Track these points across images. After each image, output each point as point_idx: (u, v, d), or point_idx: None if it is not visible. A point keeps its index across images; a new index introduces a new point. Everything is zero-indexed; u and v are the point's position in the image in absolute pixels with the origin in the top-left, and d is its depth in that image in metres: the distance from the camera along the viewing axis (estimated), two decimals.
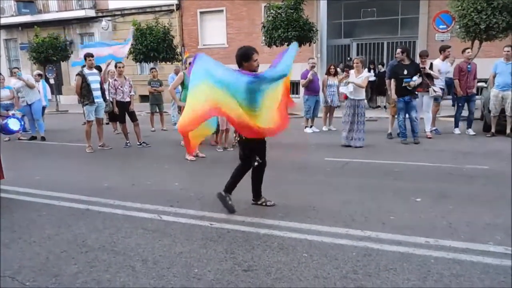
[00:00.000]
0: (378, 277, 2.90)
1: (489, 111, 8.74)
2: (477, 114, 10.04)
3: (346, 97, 8.06)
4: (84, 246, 3.54)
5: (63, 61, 18.35)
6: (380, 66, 14.57)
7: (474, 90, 8.97)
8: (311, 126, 10.14)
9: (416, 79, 7.92)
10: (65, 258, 3.32)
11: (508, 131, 8.47)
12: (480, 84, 9.93)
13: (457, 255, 3.21)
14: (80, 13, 20.30)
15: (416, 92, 8.18)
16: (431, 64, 8.98)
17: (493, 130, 8.63)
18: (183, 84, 7.15)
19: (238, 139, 4.38)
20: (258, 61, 4.07)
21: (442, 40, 12.02)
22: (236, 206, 4.49)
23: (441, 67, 9.07)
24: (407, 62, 8.17)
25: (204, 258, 3.25)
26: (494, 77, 8.74)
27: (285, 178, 5.83)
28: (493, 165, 6.17)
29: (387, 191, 4.97)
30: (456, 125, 9.20)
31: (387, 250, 3.33)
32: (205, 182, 5.72)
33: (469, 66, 8.78)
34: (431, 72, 8.79)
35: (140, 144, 8.54)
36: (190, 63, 7.16)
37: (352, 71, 8.20)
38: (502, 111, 8.49)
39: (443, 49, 9.27)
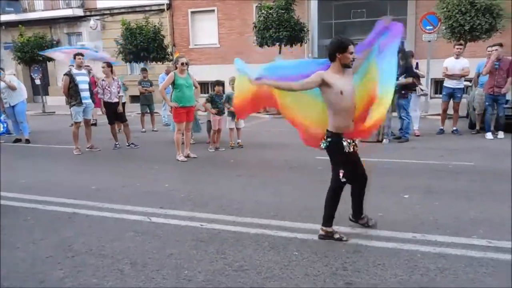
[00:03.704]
0: (367, 273, 2.94)
1: (474, 109, 8.88)
2: (463, 112, 10.19)
3: None
4: (70, 250, 3.50)
5: (49, 61, 18.11)
6: None
7: (505, 90, 8.18)
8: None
9: (400, 80, 8.02)
10: (51, 263, 3.27)
11: (492, 127, 8.61)
12: (465, 83, 10.07)
13: (442, 249, 3.28)
14: (68, 12, 20.09)
15: (403, 91, 8.26)
16: (417, 63, 9.10)
17: (477, 127, 8.79)
18: (174, 84, 7.06)
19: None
20: (354, 55, 3.42)
21: (429, 41, 12.19)
22: (227, 205, 4.50)
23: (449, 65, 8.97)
24: (400, 63, 8.29)
25: (194, 259, 3.25)
26: (478, 76, 8.90)
27: (276, 177, 5.87)
28: (478, 162, 6.29)
29: (376, 188, 4.99)
30: (487, 129, 8.43)
31: (375, 246, 3.38)
32: (196, 183, 5.72)
33: (496, 64, 8.17)
34: (418, 72, 8.90)
35: (129, 145, 8.50)
36: (183, 63, 7.18)
37: None
38: (486, 109, 8.62)
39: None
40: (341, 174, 3.43)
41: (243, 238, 3.64)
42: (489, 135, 8.34)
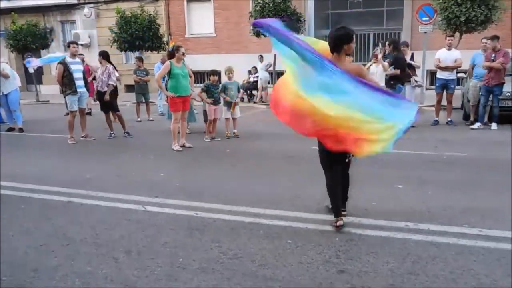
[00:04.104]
0: (359, 261, 2.98)
1: (468, 101, 8.92)
2: (457, 103, 10.25)
3: None
4: (64, 239, 3.50)
5: (43, 49, 17.88)
6: None
7: (499, 82, 8.20)
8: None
9: (389, 70, 8.04)
10: (45, 251, 3.28)
11: (485, 119, 8.68)
12: (460, 75, 10.10)
13: (434, 237, 3.33)
14: (61, 0, 19.81)
15: (392, 82, 8.24)
16: (412, 54, 9.10)
17: (472, 118, 8.84)
18: (170, 74, 6.99)
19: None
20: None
21: (425, 32, 12.17)
22: (222, 195, 4.52)
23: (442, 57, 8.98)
24: (394, 53, 8.33)
25: (189, 247, 3.28)
26: (472, 68, 8.92)
27: (272, 167, 5.89)
28: (471, 152, 6.35)
29: (370, 178, 5.06)
30: (479, 119, 8.49)
31: (368, 235, 3.43)
32: (191, 173, 5.73)
33: (493, 56, 8.19)
34: (412, 63, 8.92)
35: (125, 134, 8.46)
36: (184, 53, 7.11)
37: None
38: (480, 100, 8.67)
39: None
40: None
41: (238, 227, 3.66)
42: (476, 125, 8.41)
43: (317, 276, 2.80)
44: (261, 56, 14.53)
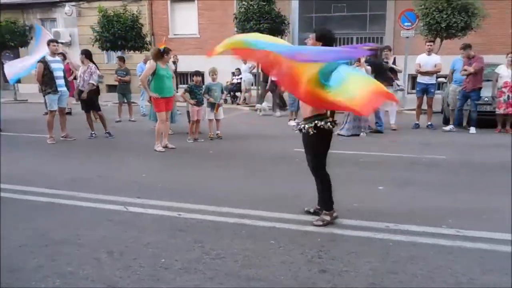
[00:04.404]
0: (341, 260, 3.02)
1: (448, 105, 9.14)
2: (438, 107, 10.49)
3: None
4: (44, 239, 3.44)
5: (22, 47, 17.48)
6: None
7: (476, 87, 8.45)
8: (295, 119, 10.20)
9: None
10: (25, 252, 3.21)
11: (464, 123, 8.91)
12: (440, 79, 10.35)
13: (414, 238, 3.40)
14: None
15: None
16: (395, 58, 9.28)
17: (451, 122, 9.04)
18: (154, 74, 6.95)
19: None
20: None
21: (407, 37, 12.42)
22: (205, 196, 4.52)
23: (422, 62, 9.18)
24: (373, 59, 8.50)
25: (172, 248, 3.26)
26: (452, 73, 9.16)
27: (255, 168, 5.91)
28: (450, 155, 6.50)
29: (352, 180, 5.14)
30: (455, 122, 8.79)
31: (350, 235, 3.48)
32: (174, 174, 5.70)
33: (469, 63, 8.48)
34: (395, 67, 9.10)
35: (106, 133, 8.36)
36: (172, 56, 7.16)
37: None
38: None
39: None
40: None
41: (221, 227, 3.67)
42: (448, 127, 8.63)
43: (299, 276, 2.82)
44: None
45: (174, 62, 14.54)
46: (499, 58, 10.14)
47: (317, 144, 3.65)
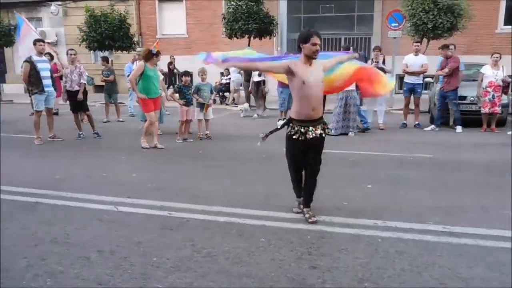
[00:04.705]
0: (330, 257, 3.07)
1: (435, 105, 9.29)
2: (425, 107, 10.64)
3: None
4: (34, 239, 3.42)
5: (7, 47, 17.24)
6: None
7: (453, 87, 8.66)
8: (284, 119, 10.26)
9: None
10: (14, 252, 3.19)
11: (451, 122, 9.06)
12: (427, 79, 10.51)
13: (401, 234, 3.47)
14: None
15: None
16: (384, 58, 9.40)
17: (438, 122, 9.18)
18: (142, 75, 7.00)
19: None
20: (318, 46, 3.49)
21: (394, 37, 12.57)
22: (195, 195, 4.53)
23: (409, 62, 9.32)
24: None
25: (163, 246, 3.27)
26: None
27: (244, 167, 5.94)
28: (437, 154, 6.61)
29: (341, 179, 5.21)
30: (435, 123, 8.98)
31: (339, 232, 3.53)
32: (164, 173, 5.69)
33: (447, 63, 8.68)
34: (384, 67, 9.21)
35: (95, 134, 8.30)
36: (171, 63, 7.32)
37: None
38: (446, 105, 9.05)
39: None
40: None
41: (212, 226, 3.68)
42: (429, 128, 8.84)
43: (289, 272, 2.86)
44: None
45: (171, 63, 14.52)
46: (484, 59, 10.33)
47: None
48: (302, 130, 3.62)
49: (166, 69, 14.68)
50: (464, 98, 9.14)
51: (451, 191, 4.70)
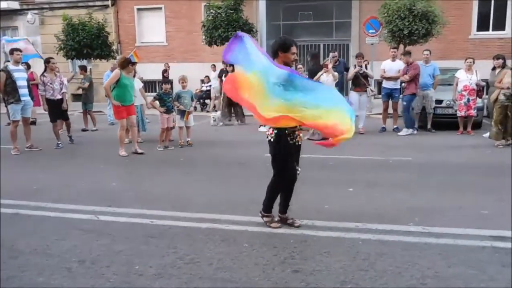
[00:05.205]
0: (313, 260, 3.10)
1: (413, 109, 9.50)
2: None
3: None
4: (13, 251, 3.34)
5: None
6: None
7: (410, 92, 9.11)
8: (264, 125, 10.21)
9: None
10: None
11: (429, 126, 9.29)
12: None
13: (382, 236, 3.53)
14: (2, 5, 18.76)
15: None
16: (366, 65, 9.62)
17: (416, 125, 9.40)
18: (117, 83, 7.10)
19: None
20: (296, 55, 3.58)
21: (372, 44, 12.83)
22: (177, 202, 4.50)
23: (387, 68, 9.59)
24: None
25: (145, 254, 3.24)
26: None
27: (226, 173, 5.93)
28: (415, 157, 6.76)
29: (323, 182, 5.26)
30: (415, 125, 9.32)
31: (321, 236, 3.56)
32: (145, 181, 5.63)
33: (407, 69, 9.07)
34: (368, 72, 9.40)
35: (70, 138, 8.37)
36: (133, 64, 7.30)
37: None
38: (424, 108, 9.28)
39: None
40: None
41: (194, 232, 3.67)
42: (402, 133, 9.07)
43: (273, 276, 2.87)
44: (214, 65, 14.59)
45: (166, 70, 14.46)
46: (458, 63, 10.66)
47: None
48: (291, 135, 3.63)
49: (152, 77, 14.59)
50: (440, 102, 9.40)
51: (430, 192, 4.81)
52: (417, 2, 11.46)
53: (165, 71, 14.50)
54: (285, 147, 3.60)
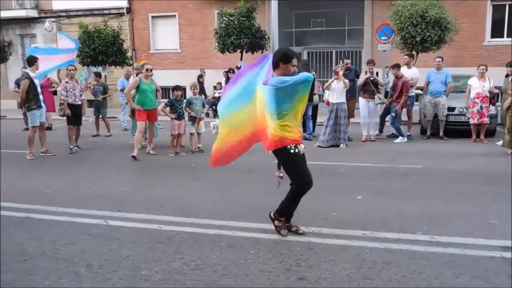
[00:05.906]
0: (318, 268, 3.09)
1: (425, 116, 9.42)
2: (416, 118, 10.75)
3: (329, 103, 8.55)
4: (22, 254, 3.41)
5: (1, 63, 17.29)
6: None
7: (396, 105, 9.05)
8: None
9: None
10: (2, 267, 3.17)
11: (441, 133, 9.18)
12: (417, 91, 10.65)
13: (389, 244, 3.50)
14: (21, 13, 19.26)
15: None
16: (377, 73, 9.59)
17: (428, 133, 9.31)
18: (138, 89, 7.54)
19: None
20: (295, 68, 3.64)
21: (384, 50, 12.77)
22: (185, 208, 4.54)
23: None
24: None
25: (151, 259, 3.28)
26: (427, 85, 9.45)
27: (235, 180, 5.95)
28: (426, 164, 6.68)
29: (331, 189, 5.25)
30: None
31: (328, 243, 3.55)
32: (155, 187, 5.70)
33: (395, 82, 9.06)
34: (378, 80, 9.36)
35: (74, 147, 8.44)
36: (147, 69, 7.56)
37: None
38: (436, 116, 9.18)
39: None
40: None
41: (201, 238, 3.70)
42: (397, 140, 9.00)
43: (278, 284, 2.88)
44: (226, 72, 14.71)
45: (201, 76, 14.72)
46: (471, 70, 10.53)
47: None
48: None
49: (166, 84, 14.72)
50: (453, 109, 9.28)
51: (439, 201, 4.75)
52: (430, 9, 11.39)
53: (200, 76, 14.76)
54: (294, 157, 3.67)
